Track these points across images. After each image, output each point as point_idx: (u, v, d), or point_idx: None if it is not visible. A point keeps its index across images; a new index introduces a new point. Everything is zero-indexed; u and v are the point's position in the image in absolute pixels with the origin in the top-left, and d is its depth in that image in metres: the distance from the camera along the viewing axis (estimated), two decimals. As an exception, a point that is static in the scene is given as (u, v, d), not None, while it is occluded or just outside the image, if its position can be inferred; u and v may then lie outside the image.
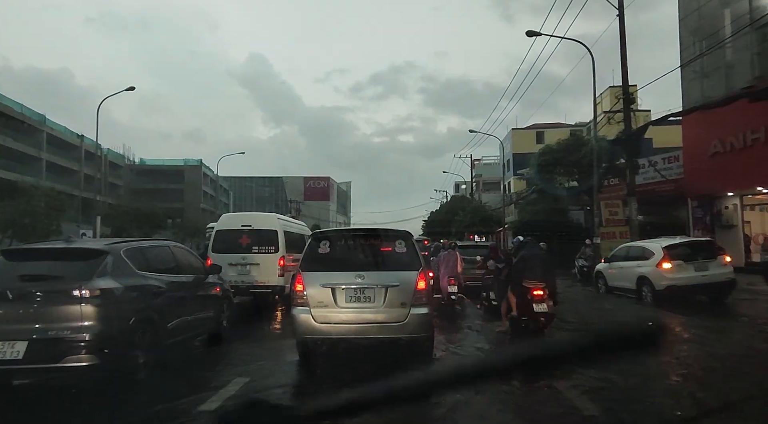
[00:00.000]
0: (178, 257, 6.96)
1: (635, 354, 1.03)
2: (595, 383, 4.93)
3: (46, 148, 46.20)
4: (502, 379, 3.89)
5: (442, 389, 1.59)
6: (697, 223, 18.33)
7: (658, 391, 5.04)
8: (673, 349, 6.71)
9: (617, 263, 12.59)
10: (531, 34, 17.63)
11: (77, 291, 4.86)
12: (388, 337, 5.82)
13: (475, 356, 6.74)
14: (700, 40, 17.75)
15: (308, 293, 5.82)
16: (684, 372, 5.66)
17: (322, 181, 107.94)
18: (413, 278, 5.89)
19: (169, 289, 6.11)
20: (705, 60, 17.45)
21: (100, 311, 4.91)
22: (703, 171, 17.30)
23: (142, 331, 5.43)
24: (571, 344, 1.09)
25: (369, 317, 5.79)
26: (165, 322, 5.87)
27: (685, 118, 18.21)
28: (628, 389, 5.00)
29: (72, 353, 4.73)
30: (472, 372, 1.06)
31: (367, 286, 5.80)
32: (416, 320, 5.76)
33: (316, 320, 5.76)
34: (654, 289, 10.58)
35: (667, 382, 5.37)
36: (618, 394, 4.91)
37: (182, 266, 6.85)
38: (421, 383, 1.02)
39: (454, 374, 1.05)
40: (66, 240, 6.54)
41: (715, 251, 10.81)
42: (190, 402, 4.74)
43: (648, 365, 5.50)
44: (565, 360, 1.18)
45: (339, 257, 6.31)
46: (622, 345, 1.01)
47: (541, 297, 7.38)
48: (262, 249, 12.05)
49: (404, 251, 6.22)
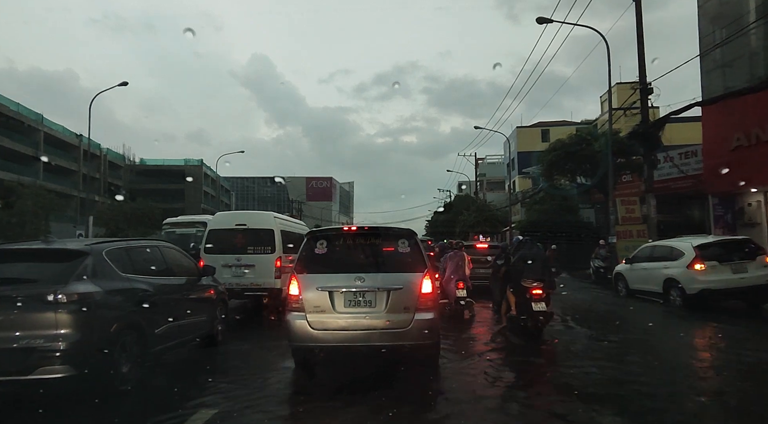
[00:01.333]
0: (168, 258, 6.60)
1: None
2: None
3: (43, 148, 45.57)
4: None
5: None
6: (718, 221, 17.37)
7: (687, 410, 4.41)
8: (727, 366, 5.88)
9: (640, 264, 11.66)
10: (542, 21, 16.80)
11: (51, 296, 4.53)
12: (391, 344, 5.45)
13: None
14: (721, 28, 16.79)
15: (304, 297, 5.46)
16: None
17: (324, 181, 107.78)
18: (418, 280, 5.50)
19: (158, 292, 5.79)
20: (726, 48, 16.50)
21: (78, 317, 4.60)
22: (725, 166, 16.32)
23: (126, 338, 5.12)
24: None
25: (370, 323, 5.40)
26: (153, 328, 5.55)
27: (705, 110, 17.21)
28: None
29: (44, 364, 4.41)
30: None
31: (367, 289, 5.42)
32: (421, 326, 5.37)
33: (313, 326, 5.39)
34: (684, 292, 9.67)
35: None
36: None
37: (173, 268, 6.52)
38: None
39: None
40: (44, 240, 5.95)
41: (754, 250, 9.85)
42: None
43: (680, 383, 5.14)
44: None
45: (337, 257, 5.90)
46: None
47: (540, 296, 7.43)
48: (258, 249, 11.37)
49: (408, 250, 5.80)
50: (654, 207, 15.62)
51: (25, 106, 44.41)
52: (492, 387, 5.22)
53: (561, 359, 6.69)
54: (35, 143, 45.09)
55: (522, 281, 7.67)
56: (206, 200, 69.05)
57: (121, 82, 23.83)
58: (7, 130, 41.20)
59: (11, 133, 41.72)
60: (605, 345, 7.56)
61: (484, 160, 62.58)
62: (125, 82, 23.90)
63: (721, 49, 16.54)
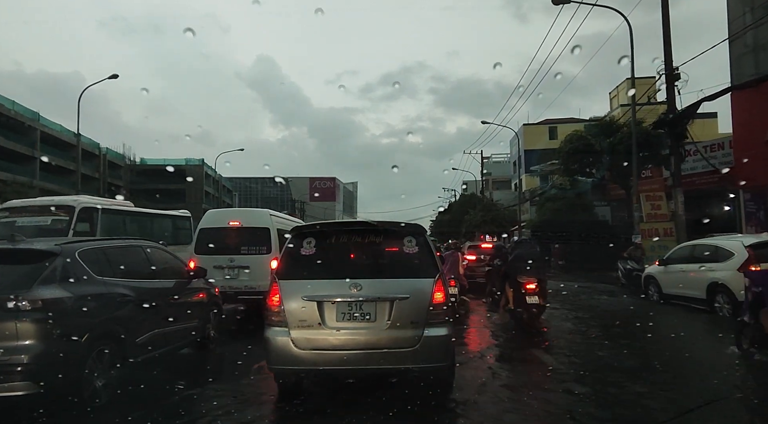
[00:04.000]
0: (153, 259, 6.12)
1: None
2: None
3: (40, 147, 44.70)
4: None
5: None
6: (750, 218, 16.18)
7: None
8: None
9: (676, 266, 10.43)
10: (558, 2, 15.62)
11: (12, 303, 4.11)
12: (395, 368, 4.48)
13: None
14: (752, 9, 15.60)
15: (286, 309, 4.46)
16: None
17: (327, 181, 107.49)
18: (428, 287, 4.48)
19: (140, 297, 5.32)
20: (758, 31, 15.31)
21: (43, 327, 4.18)
22: (758, 159, 15.08)
23: (101, 349, 4.69)
24: None
25: (368, 341, 4.41)
26: (133, 337, 5.12)
27: (735, 97, 15.99)
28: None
29: (4, 380, 4.02)
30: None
31: (365, 299, 4.42)
32: (432, 344, 4.39)
33: (297, 345, 4.40)
34: (735, 299, 8.43)
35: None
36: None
37: (159, 270, 6.07)
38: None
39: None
40: (9, 239, 5.23)
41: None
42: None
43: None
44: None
45: (328, 259, 4.83)
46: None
47: (533, 291, 8.33)
48: (252, 250, 10.53)
49: (416, 251, 4.77)
50: (682, 203, 14.42)
51: (21, 105, 43.59)
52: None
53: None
54: (32, 142, 44.27)
55: (517, 276, 8.48)
56: (207, 200, 68.19)
57: (111, 75, 23.41)
58: (3, 129, 40.33)
59: (7, 132, 40.92)
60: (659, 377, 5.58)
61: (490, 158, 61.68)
62: (115, 75, 23.53)
63: (753, 31, 15.36)
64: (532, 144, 47.61)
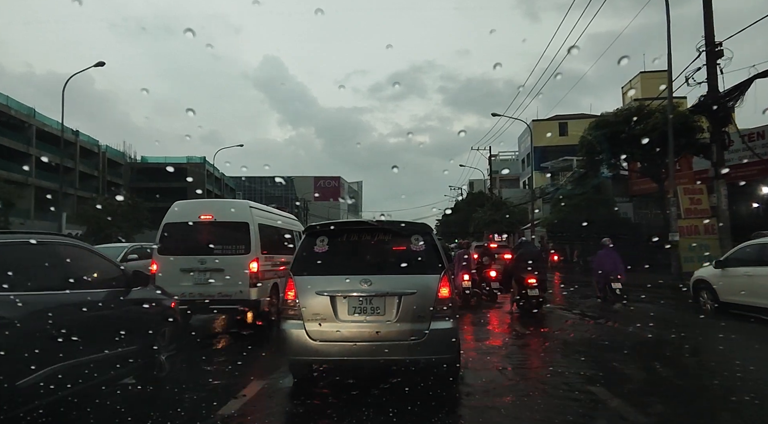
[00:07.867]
0: (71, 262, 4.64)
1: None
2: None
3: (35, 144, 43.52)
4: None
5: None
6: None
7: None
8: None
9: (739, 269, 8.69)
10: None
11: None
12: (402, 359, 4.88)
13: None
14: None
15: (301, 303, 4.93)
16: None
17: (332, 180, 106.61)
18: (434, 283, 4.90)
19: (36, 317, 3.85)
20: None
21: None
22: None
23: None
24: None
25: (378, 334, 4.81)
26: (13, 376, 3.55)
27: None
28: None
29: None
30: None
31: (375, 294, 4.85)
32: (438, 336, 4.78)
33: (312, 336, 4.86)
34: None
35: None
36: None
37: (78, 277, 4.51)
38: None
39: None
40: None
41: None
42: None
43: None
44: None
45: (340, 257, 5.25)
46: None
47: (534, 285, 9.97)
48: (228, 249, 8.98)
49: (423, 248, 5.16)
50: (725, 197, 12.66)
51: (15, 100, 42.46)
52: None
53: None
54: (27, 139, 43.09)
55: (520, 274, 10.12)
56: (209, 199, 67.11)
57: (97, 62, 22.11)
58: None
59: (1, 128, 39.70)
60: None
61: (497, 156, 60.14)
62: (102, 63, 22.26)
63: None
64: (542, 141, 46.08)
